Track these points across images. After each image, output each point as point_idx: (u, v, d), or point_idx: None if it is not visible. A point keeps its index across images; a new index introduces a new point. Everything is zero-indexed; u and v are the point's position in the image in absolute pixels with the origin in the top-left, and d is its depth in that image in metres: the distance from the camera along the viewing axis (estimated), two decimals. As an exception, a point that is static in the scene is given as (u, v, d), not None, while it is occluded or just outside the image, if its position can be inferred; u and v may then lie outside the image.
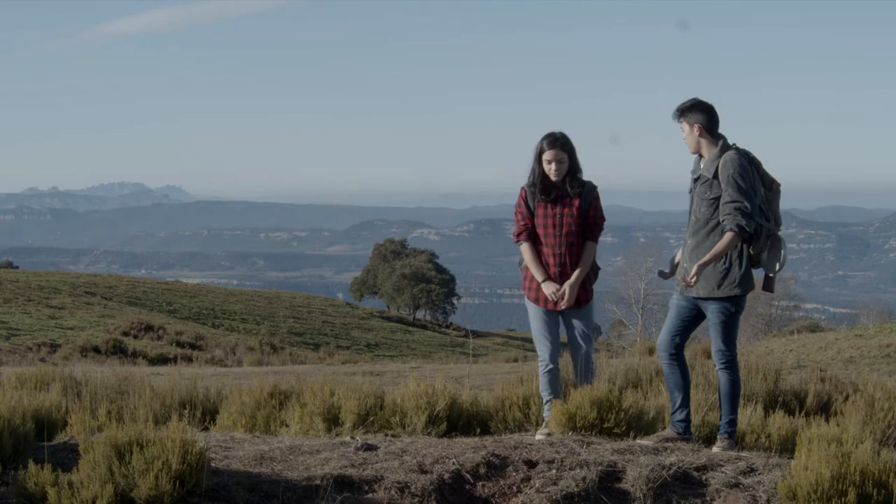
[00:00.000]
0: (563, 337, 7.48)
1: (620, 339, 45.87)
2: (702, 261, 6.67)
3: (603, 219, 7.32)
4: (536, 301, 7.26)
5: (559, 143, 7.13)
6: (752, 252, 6.76)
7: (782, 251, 6.79)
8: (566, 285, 7.17)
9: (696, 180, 6.87)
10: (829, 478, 5.85)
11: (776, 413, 8.21)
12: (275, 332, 44.65)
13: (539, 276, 7.20)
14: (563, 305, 7.18)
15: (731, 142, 6.81)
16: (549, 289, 7.17)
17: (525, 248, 7.26)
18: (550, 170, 7.13)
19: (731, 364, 6.87)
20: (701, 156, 6.86)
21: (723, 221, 6.67)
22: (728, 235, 6.62)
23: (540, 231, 7.23)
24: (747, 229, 6.61)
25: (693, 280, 6.69)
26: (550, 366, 7.26)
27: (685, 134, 6.86)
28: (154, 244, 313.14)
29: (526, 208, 7.25)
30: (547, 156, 7.13)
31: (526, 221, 7.24)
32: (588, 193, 7.24)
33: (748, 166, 6.69)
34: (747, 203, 6.58)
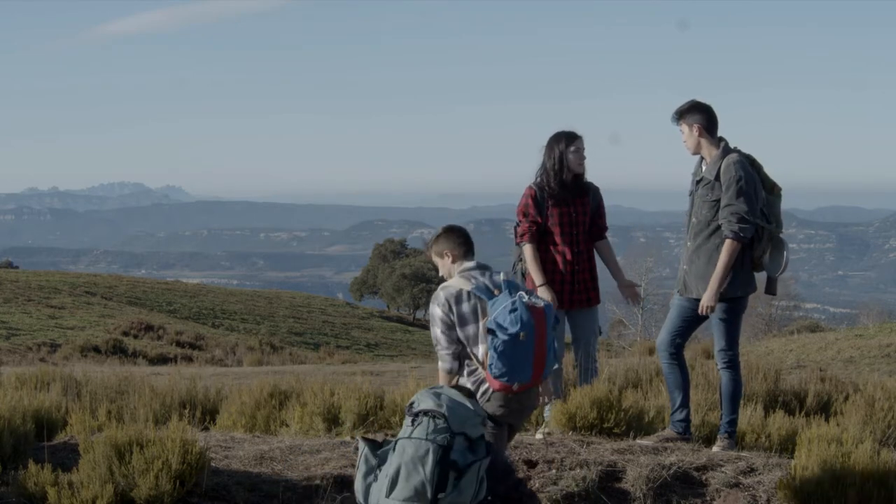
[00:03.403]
0: (567, 337, 7.49)
1: (620, 339, 45.82)
2: (713, 282, 6.67)
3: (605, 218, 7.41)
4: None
5: (580, 135, 7.22)
6: (753, 255, 6.76)
7: (784, 253, 6.79)
8: (628, 292, 7.47)
9: (697, 182, 6.86)
10: (829, 478, 5.85)
11: (776, 413, 8.22)
12: (275, 332, 44.60)
13: (538, 280, 7.13)
14: (636, 300, 7.48)
15: (732, 145, 6.81)
16: (548, 294, 7.09)
17: (529, 250, 7.20)
18: (579, 161, 7.16)
19: (733, 364, 6.88)
20: (703, 158, 6.86)
21: (722, 226, 6.69)
22: (727, 244, 6.64)
23: (556, 230, 7.17)
24: (743, 235, 6.61)
25: (709, 309, 6.71)
26: (556, 365, 7.26)
27: (685, 136, 6.86)
28: (154, 244, 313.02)
29: (535, 208, 7.21)
30: (576, 145, 7.15)
31: (533, 221, 7.19)
32: (595, 192, 7.30)
33: (750, 169, 6.69)
34: (745, 206, 6.58)
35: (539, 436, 7.04)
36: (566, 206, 7.17)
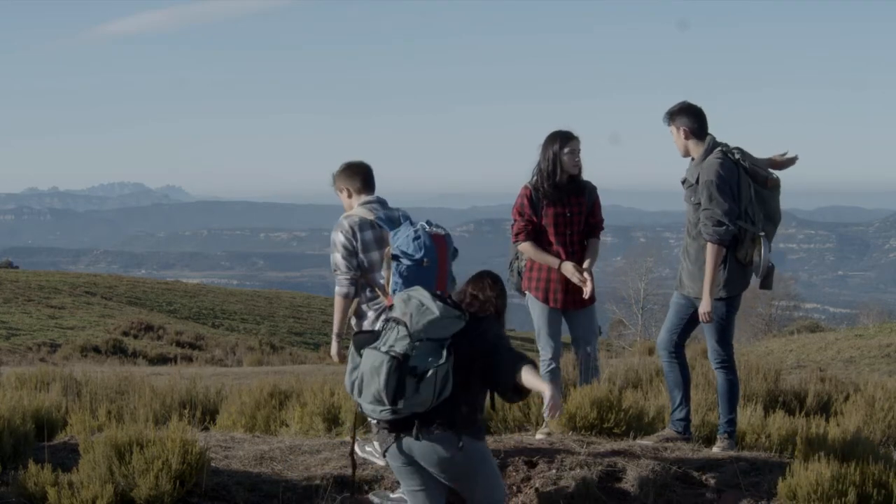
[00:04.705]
0: (565, 337, 7.47)
1: (620, 339, 45.84)
2: (705, 288, 6.68)
3: (603, 218, 7.35)
4: (546, 301, 7.21)
5: (576, 136, 7.16)
6: (737, 256, 6.74)
7: (762, 254, 6.73)
8: (586, 274, 7.13)
9: (683, 183, 6.89)
10: (829, 478, 5.85)
11: (776, 413, 8.21)
12: (275, 332, 44.58)
13: (554, 262, 7.11)
14: (587, 293, 7.16)
15: (720, 141, 6.78)
16: (570, 268, 7.07)
17: (528, 246, 7.19)
18: (574, 162, 7.11)
19: (727, 364, 6.86)
20: (693, 158, 6.87)
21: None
22: (708, 249, 6.64)
23: (550, 230, 7.15)
24: (719, 238, 6.59)
25: (707, 316, 6.72)
26: (553, 365, 7.25)
27: (674, 137, 6.87)
28: (154, 244, 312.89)
29: (531, 207, 7.19)
30: (570, 147, 7.11)
31: (528, 220, 7.18)
32: (591, 192, 7.26)
33: (730, 170, 6.64)
34: (720, 210, 6.57)
35: (539, 436, 7.04)
36: (561, 206, 7.15)
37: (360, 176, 6.29)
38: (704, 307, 6.71)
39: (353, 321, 6.30)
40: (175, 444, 5.67)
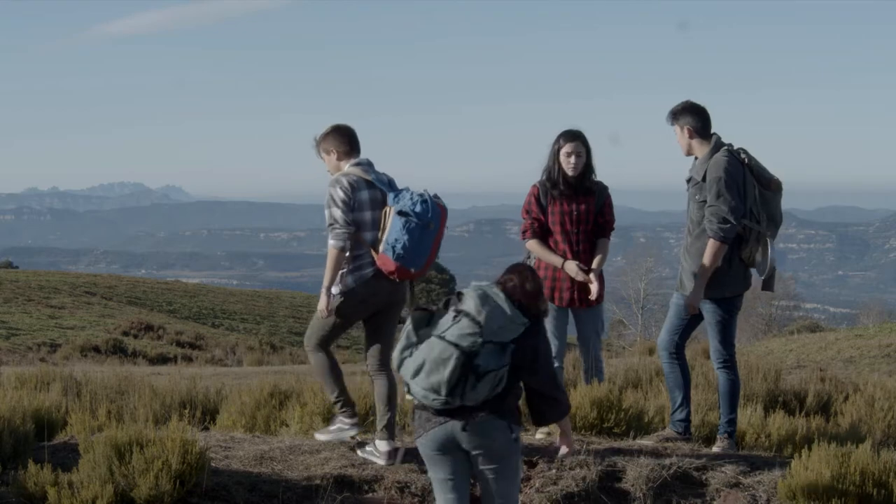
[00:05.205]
0: (570, 337, 7.48)
1: (620, 339, 45.85)
2: (697, 280, 6.69)
3: (614, 219, 7.35)
4: (551, 299, 7.22)
5: (579, 136, 7.15)
6: (741, 255, 6.74)
7: (769, 255, 6.74)
8: (593, 275, 7.14)
9: (688, 182, 6.88)
10: (829, 478, 5.85)
11: (776, 413, 8.21)
12: (275, 332, 44.55)
13: (557, 262, 7.13)
14: (594, 294, 7.16)
15: (725, 141, 6.79)
16: (573, 266, 7.09)
17: (534, 244, 7.22)
18: (569, 163, 7.11)
19: (729, 364, 6.87)
20: (696, 158, 6.87)
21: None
22: (709, 244, 6.64)
23: (556, 228, 7.18)
24: (723, 234, 6.59)
25: (693, 308, 6.74)
26: (556, 364, 7.26)
27: (678, 137, 6.88)
28: (154, 244, 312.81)
29: (538, 206, 7.21)
30: (567, 149, 7.12)
31: (535, 218, 7.21)
32: (602, 192, 7.26)
33: (737, 168, 6.66)
34: (726, 207, 6.57)
35: (539, 436, 7.05)
36: (567, 205, 7.17)
37: (347, 138, 6.45)
38: (691, 298, 6.70)
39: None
40: (175, 444, 5.67)
